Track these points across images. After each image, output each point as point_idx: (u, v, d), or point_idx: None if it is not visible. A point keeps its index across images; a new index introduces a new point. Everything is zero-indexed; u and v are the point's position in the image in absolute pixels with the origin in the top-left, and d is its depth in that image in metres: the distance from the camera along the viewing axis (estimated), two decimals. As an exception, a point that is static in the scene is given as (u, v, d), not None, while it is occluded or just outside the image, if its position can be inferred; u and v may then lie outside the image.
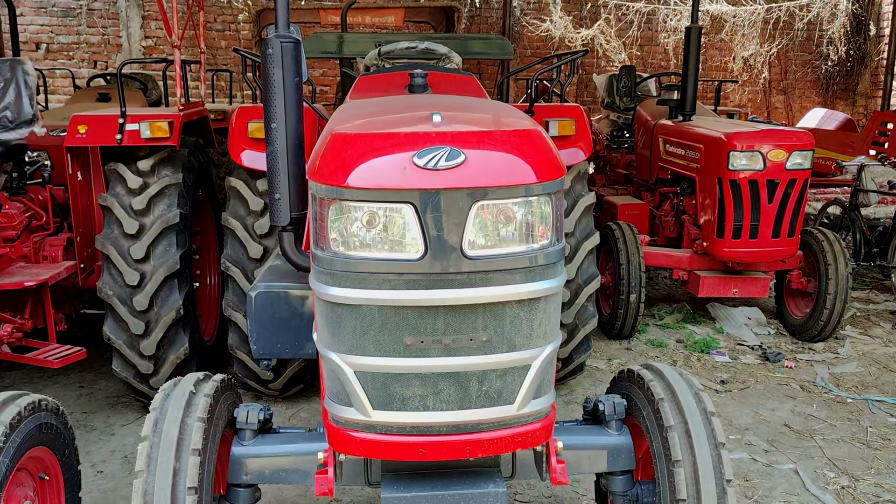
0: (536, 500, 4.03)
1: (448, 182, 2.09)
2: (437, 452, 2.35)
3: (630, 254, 6.22)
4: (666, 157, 6.89)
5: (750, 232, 5.98)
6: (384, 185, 2.10)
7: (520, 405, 2.36)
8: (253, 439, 2.89)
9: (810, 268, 6.41)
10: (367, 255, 2.18)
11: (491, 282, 2.20)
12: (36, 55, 11.63)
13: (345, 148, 2.19)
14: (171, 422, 2.62)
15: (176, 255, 4.53)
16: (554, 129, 4.71)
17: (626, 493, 3.02)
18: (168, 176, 4.65)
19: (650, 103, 7.68)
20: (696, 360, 6.02)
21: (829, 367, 5.91)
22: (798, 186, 5.92)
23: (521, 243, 2.22)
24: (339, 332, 2.28)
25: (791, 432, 4.81)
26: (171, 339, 4.61)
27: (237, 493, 2.89)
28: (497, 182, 2.12)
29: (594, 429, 3.03)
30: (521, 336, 2.29)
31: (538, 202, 2.21)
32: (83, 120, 4.56)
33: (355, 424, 2.37)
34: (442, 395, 2.29)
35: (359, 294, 2.20)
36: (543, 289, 2.27)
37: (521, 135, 2.24)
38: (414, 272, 2.16)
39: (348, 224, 2.17)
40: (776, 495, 4.08)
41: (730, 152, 5.85)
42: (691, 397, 2.80)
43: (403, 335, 2.22)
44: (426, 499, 2.49)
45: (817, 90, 13.97)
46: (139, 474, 2.54)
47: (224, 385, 2.92)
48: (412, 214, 2.12)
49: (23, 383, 5.49)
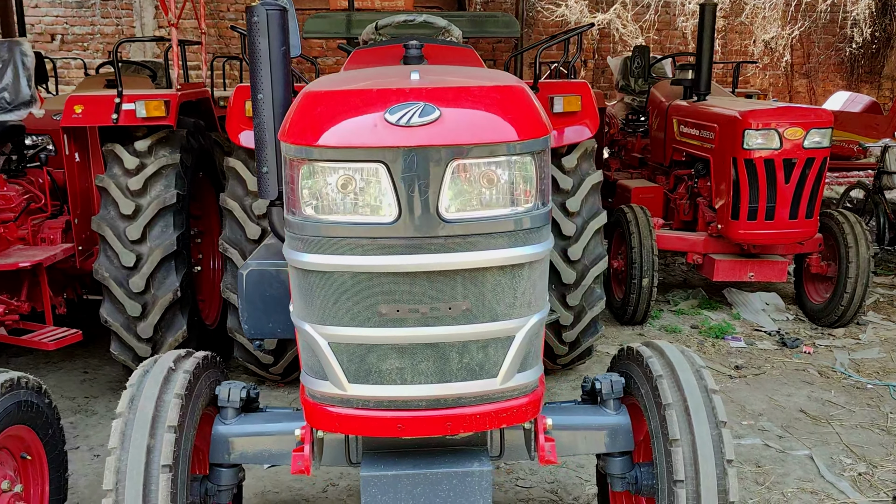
0: (539, 485, 3.91)
1: (421, 140, 1.97)
2: (417, 428, 2.23)
3: (643, 237, 6.05)
4: (680, 138, 6.71)
5: (766, 213, 5.79)
6: (354, 143, 1.99)
7: (504, 379, 2.24)
8: (235, 418, 2.80)
9: (830, 251, 6.20)
10: (339, 218, 2.07)
11: (470, 247, 2.07)
12: (51, 46, 11.68)
13: (315, 106, 2.08)
14: (146, 398, 2.53)
15: (173, 237, 4.46)
16: (559, 105, 4.57)
17: (624, 476, 2.88)
18: (165, 156, 4.58)
19: (664, 84, 7.49)
20: (711, 346, 5.85)
21: (850, 353, 5.71)
22: (816, 166, 5.72)
23: (502, 206, 2.10)
24: (311, 301, 2.18)
25: (807, 418, 4.64)
26: (168, 322, 4.54)
27: (219, 473, 2.80)
28: (474, 140, 2.00)
29: (591, 408, 2.90)
30: (503, 305, 2.16)
31: (520, 162, 2.08)
32: (79, 100, 4.50)
33: (331, 399, 2.26)
34: (420, 367, 2.18)
35: (330, 260, 2.09)
36: (527, 255, 2.14)
37: (501, 91, 2.11)
38: (387, 236, 2.04)
39: (318, 186, 2.06)
40: (789, 482, 3.92)
41: (745, 131, 5.67)
42: (691, 374, 2.66)
43: (378, 304, 2.11)
44: (408, 478, 2.37)
45: (841, 73, 13.61)
46: (112, 451, 2.46)
47: (206, 362, 2.83)
48: (384, 175, 2.00)
49: (27, 368, 5.46)
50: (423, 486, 2.38)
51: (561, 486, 3.90)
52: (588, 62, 12.42)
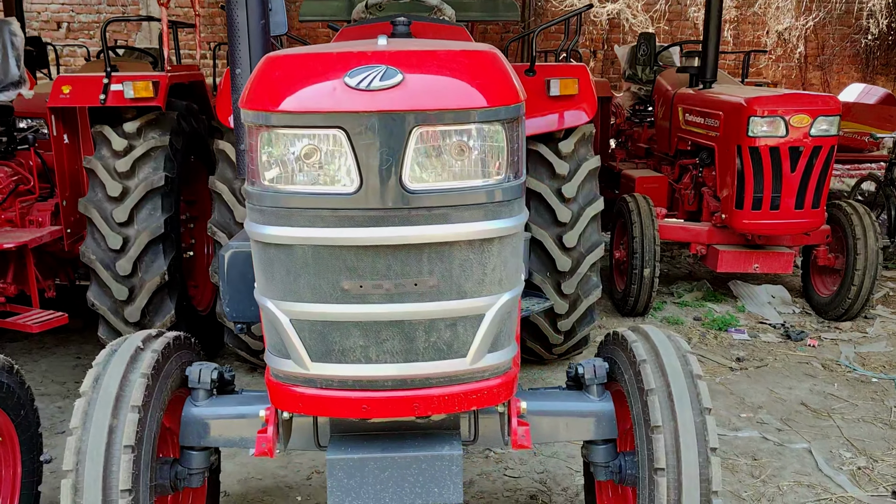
0: (527, 475, 3.82)
1: (382, 104, 1.88)
2: (383, 409, 2.14)
3: (644, 226, 5.93)
4: (685, 126, 6.57)
5: (771, 203, 5.65)
6: (312, 108, 1.90)
7: (473, 359, 2.14)
8: (207, 400, 2.72)
9: (838, 243, 6.06)
10: (298, 189, 1.98)
11: (436, 220, 1.98)
12: (57, 34, 11.67)
13: (273, 70, 1.99)
14: (111, 377, 2.47)
15: (160, 220, 4.39)
16: (556, 88, 4.47)
17: (607, 464, 2.78)
18: (154, 138, 4.51)
19: (670, 73, 7.34)
20: (713, 338, 5.73)
21: (856, 347, 5.57)
22: (823, 154, 5.57)
23: (470, 177, 2.00)
24: (271, 276, 2.09)
25: (807, 411, 4.51)
26: (156, 306, 4.48)
27: (190, 456, 2.73)
28: (439, 105, 1.90)
29: (573, 394, 2.80)
30: (472, 282, 2.07)
31: (490, 130, 1.98)
32: (67, 80, 4.44)
33: (294, 378, 2.18)
34: (385, 346, 2.09)
35: (290, 233, 2.00)
36: (496, 229, 2.04)
37: (469, 55, 2.01)
38: (348, 208, 1.95)
39: (276, 154, 1.98)
40: (785, 475, 3.80)
41: (749, 118, 5.52)
42: (676, 359, 2.56)
43: (340, 279, 2.02)
44: (374, 461, 2.29)
45: (856, 65, 13.35)
46: (73, 431, 2.39)
47: (178, 343, 2.76)
48: (345, 142, 1.91)
49: (21, 353, 5.43)
50: (391, 470, 2.30)
51: (550, 477, 3.80)
52: (597, 53, 12.26)
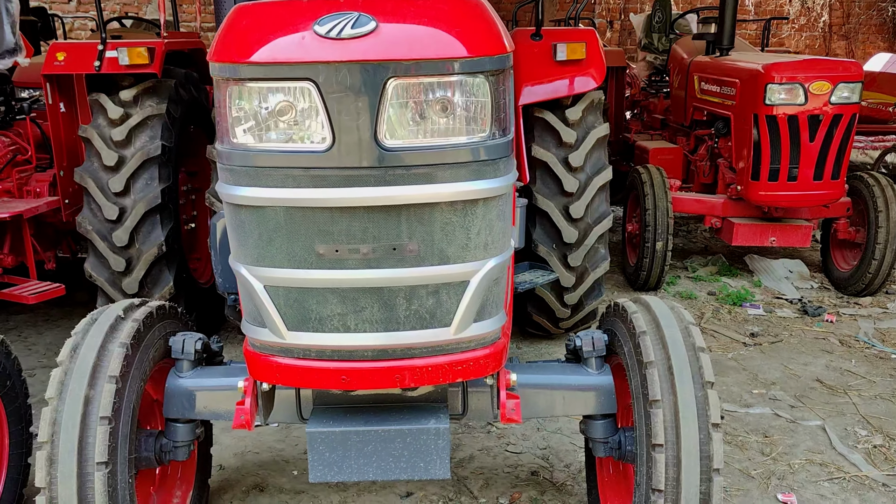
0: (529, 451, 3.72)
1: (354, 54, 1.75)
2: (363, 380, 2.04)
3: (657, 198, 5.76)
4: (701, 95, 6.36)
5: (789, 174, 5.45)
6: (279, 59, 1.78)
7: (458, 328, 2.03)
8: (191, 371, 2.65)
9: (859, 216, 5.85)
10: (268, 146, 1.87)
11: (414, 179, 1.86)
12: (68, 7, 11.58)
13: (240, 20, 1.87)
14: (89, 346, 2.39)
15: (157, 189, 4.30)
16: (562, 52, 4.30)
17: (606, 440, 2.68)
18: (151, 106, 4.41)
19: (686, 40, 7.11)
20: (727, 313, 5.57)
21: (875, 323, 5.39)
22: (844, 123, 5.35)
23: (451, 134, 1.88)
24: (244, 240, 1.99)
25: (823, 388, 4.36)
26: (154, 278, 4.40)
27: (175, 429, 2.66)
28: (415, 54, 1.77)
29: (571, 367, 2.70)
30: (454, 246, 1.95)
31: (471, 83, 1.85)
32: (62, 47, 4.34)
33: (270, 348, 2.08)
34: (364, 314, 1.98)
35: (260, 193, 1.89)
36: (480, 189, 1.92)
37: (450, 1, 1.87)
38: (321, 167, 1.84)
39: (245, 110, 1.86)
40: (797, 453, 3.67)
41: (767, 85, 5.32)
42: (678, 331, 2.44)
43: (314, 243, 1.91)
44: (357, 434, 2.19)
45: (883, 35, 12.93)
46: (49, 402, 2.32)
47: (163, 312, 2.68)
48: (315, 96, 1.79)
49: (25, 325, 5.41)
50: (374, 444, 2.20)
51: (553, 453, 3.70)
52: (614, 23, 11.95)
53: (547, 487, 3.40)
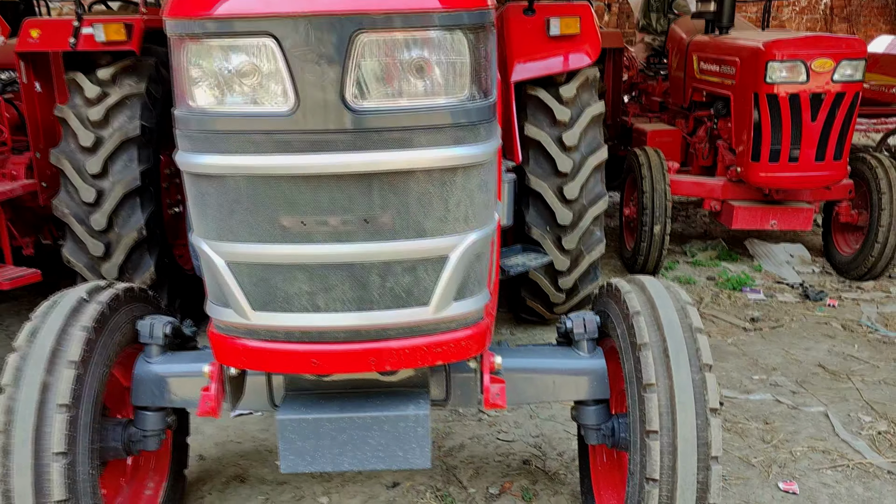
0: (522, 439, 3.59)
1: (318, 5, 1.60)
2: (335, 364, 1.90)
3: (655, 181, 5.61)
4: (700, 76, 6.20)
5: (790, 155, 5.30)
6: (237, 11, 1.63)
7: (437, 307, 1.89)
8: (159, 357, 2.51)
9: (862, 199, 5.70)
10: (226, 109, 1.72)
11: (386, 145, 1.71)
12: (57, -8, 11.39)
13: (196, -29, 1.72)
14: (48, 330, 2.25)
15: (136, 171, 4.14)
16: (556, 27, 4.14)
17: (599, 427, 2.54)
18: (130, 86, 4.25)
19: (685, 20, 6.95)
20: (727, 298, 5.43)
21: (878, 307, 5.25)
22: (847, 102, 5.20)
23: (426, 95, 1.73)
24: (204, 212, 1.84)
25: (825, 373, 4.23)
26: (135, 263, 4.25)
27: (144, 417, 2.52)
28: (384, 6, 1.62)
29: (562, 350, 2.55)
30: (432, 219, 1.81)
31: (448, 39, 1.70)
32: (36, 24, 4.18)
33: (235, 329, 1.94)
34: (334, 292, 1.84)
35: (219, 161, 1.74)
36: (460, 156, 1.77)
37: (423, -49, 1.72)
38: (283, 130, 1.69)
39: (204, 69, 1.71)
40: (799, 440, 3.53)
41: (767, 63, 5.16)
42: (674, 312, 2.30)
43: (278, 214, 1.77)
44: (331, 422, 2.05)
45: (885, 18, 12.73)
46: (5, 388, 2.17)
47: (131, 295, 2.53)
48: (276, 52, 1.64)
49: (13, 312, 5.27)
50: (350, 432, 2.06)
51: (546, 441, 3.57)
52: (612, 6, 11.76)
53: (539, 477, 3.27)
